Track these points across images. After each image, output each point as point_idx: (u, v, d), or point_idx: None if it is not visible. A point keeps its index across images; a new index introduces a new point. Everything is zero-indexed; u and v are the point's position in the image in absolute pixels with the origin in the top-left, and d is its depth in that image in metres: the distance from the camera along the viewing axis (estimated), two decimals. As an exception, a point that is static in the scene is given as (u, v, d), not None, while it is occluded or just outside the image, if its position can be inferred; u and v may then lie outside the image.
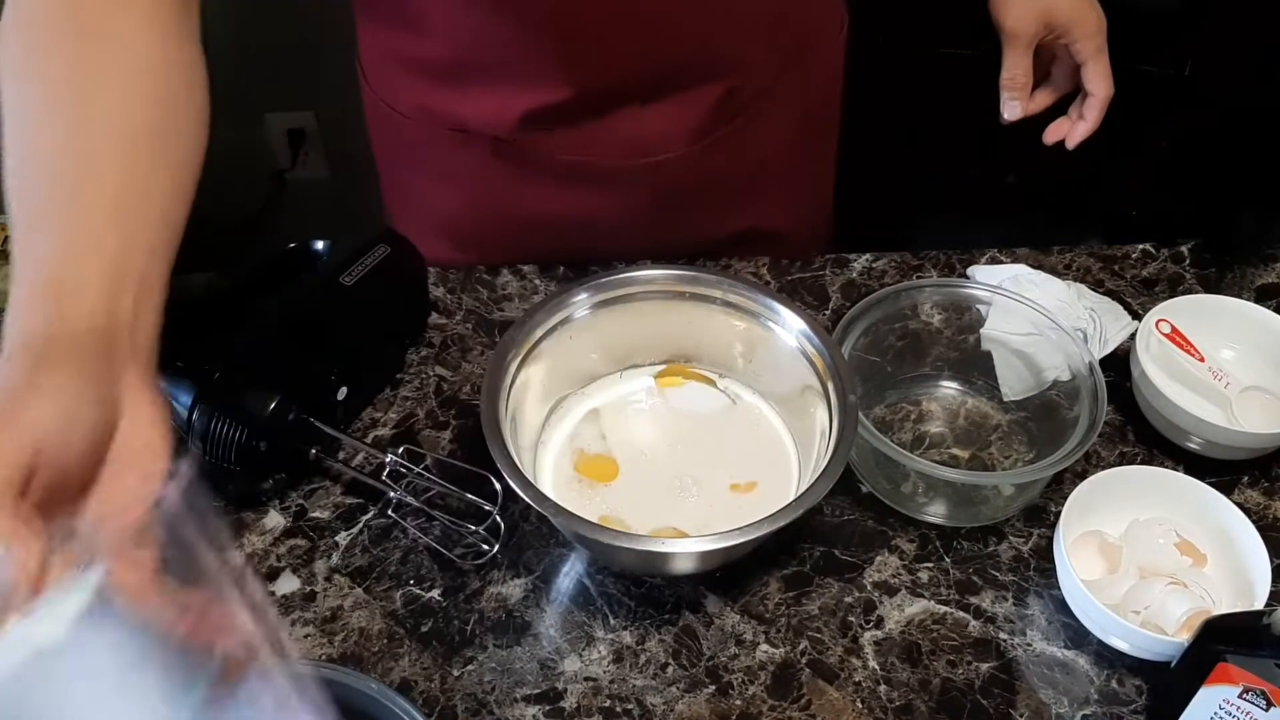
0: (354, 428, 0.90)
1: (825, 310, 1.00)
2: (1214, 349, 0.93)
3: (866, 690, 0.77)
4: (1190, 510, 0.83)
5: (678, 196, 1.01)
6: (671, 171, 0.99)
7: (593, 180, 0.99)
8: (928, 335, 0.93)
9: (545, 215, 1.02)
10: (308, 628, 0.79)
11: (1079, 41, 0.97)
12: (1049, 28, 0.97)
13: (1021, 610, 0.81)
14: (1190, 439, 0.88)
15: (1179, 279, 1.05)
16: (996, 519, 0.86)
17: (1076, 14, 0.97)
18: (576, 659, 0.78)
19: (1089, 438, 0.81)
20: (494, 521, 0.81)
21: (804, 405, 0.85)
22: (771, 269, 1.04)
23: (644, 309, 0.88)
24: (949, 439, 0.92)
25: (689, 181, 1.00)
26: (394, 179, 1.10)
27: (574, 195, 1.00)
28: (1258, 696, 0.66)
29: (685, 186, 1.01)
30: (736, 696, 0.76)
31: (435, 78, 0.95)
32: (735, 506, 0.83)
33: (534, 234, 1.03)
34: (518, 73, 0.91)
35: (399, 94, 0.99)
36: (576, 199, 1.00)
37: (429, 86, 0.96)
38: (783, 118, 1.03)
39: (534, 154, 0.97)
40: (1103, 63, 0.98)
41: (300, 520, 0.85)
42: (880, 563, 0.84)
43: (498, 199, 1.02)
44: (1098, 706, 0.76)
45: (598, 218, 1.01)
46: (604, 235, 1.01)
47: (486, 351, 0.96)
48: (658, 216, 1.02)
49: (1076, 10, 0.97)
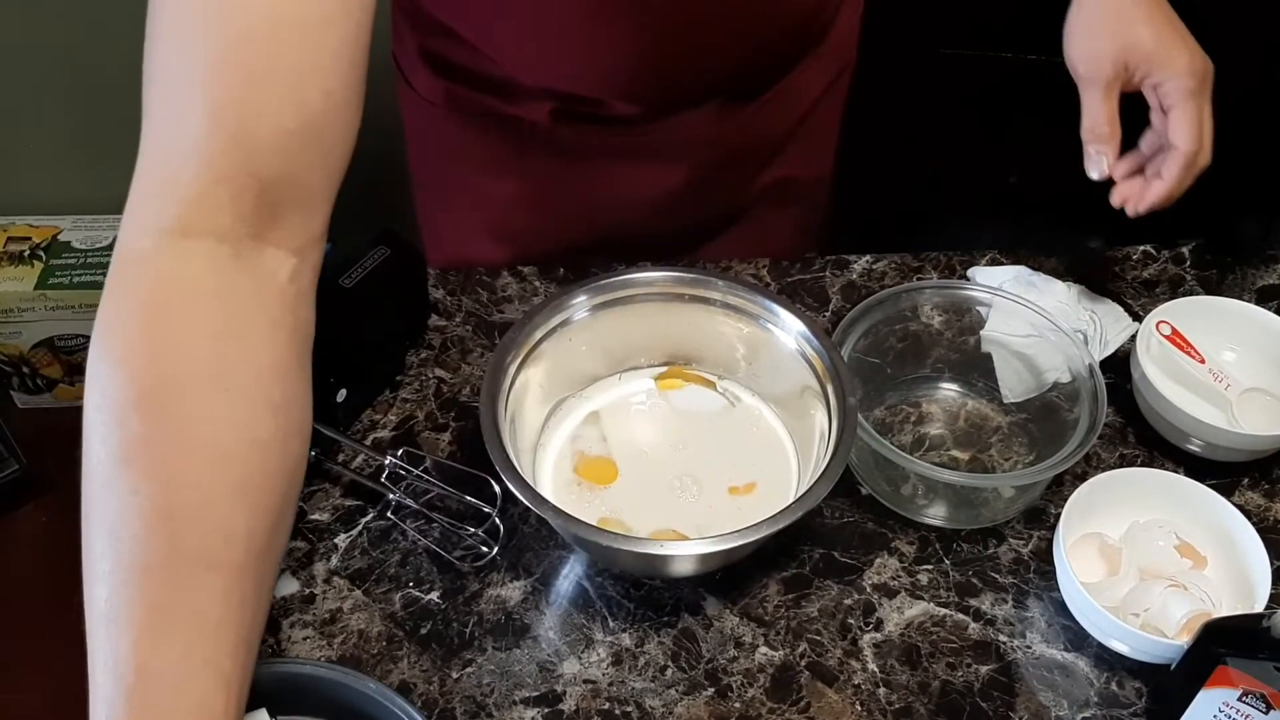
0: (353, 430, 0.90)
1: (825, 312, 1.00)
2: (1215, 351, 0.93)
3: (866, 693, 0.77)
4: (1190, 512, 0.82)
5: (721, 157, 1.02)
6: (719, 135, 1.00)
7: (642, 155, 1.00)
8: (928, 337, 0.93)
9: (594, 196, 1.03)
10: (307, 630, 0.79)
11: (1165, 82, 0.85)
12: (1130, 67, 0.86)
13: (1021, 612, 0.81)
14: (1190, 441, 0.88)
15: (1179, 280, 1.04)
16: (996, 521, 0.85)
17: (1161, 50, 0.85)
18: (575, 661, 0.78)
19: (1089, 439, 0.81)
20: (493, 524, 0.81)
21: (803, 407, 0.85)
22: (771, 270, 1.04)
23: (643, 311, 0.88)
24: (949, 441, 0.91)
25: (736, 141, 1.02)
26: (437, 182, 1.10)
27: (621, 173, 1.01)
28: (1257, 699, 0.66)
29: (731, 146, 1.02)
30: (736, 699, 0.76)
31: (485, 82, 0.96)
32: (735, 508, 0.83)
33: (580, 217, 1.04)
34: (584, 76, 0.93)
35: (445, 91, 1.00)
36: (624, 178, 1.01)
37: (474, 88, 0.97)
38: (824, 68, 1.04)
39: (582, 138, 0.98)
40: (1191, 111, 0.84)
41: (299, 522, 0.85)
42: (880, 565, 0.83)
43: (548, 185, 1.03)
44: (1097, 709, 0.76)
45: (641, 193, 1.03)
46: (646, 209, 1.03)
47: (486, 353, 0.96)
48: (700, 181, 1.03)
49: (1162, 46, 0.85)
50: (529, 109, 0.96)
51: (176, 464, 0.58)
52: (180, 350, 0.60)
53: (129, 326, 0.61)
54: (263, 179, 0.61)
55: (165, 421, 0.58)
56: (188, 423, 0.58)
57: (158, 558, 0.56)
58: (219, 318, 0.61)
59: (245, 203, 0.61)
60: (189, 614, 0.56)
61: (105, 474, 0.58)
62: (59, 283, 1.91)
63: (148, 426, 0.58)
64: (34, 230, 1.98)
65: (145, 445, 0.58)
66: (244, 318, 0.62)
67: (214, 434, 0.59)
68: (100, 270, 1.92)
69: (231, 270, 0.61)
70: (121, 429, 0.58)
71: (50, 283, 1.90)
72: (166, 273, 0.61)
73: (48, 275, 1.91)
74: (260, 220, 0.62)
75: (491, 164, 1.03)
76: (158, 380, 0.59)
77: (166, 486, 0.57)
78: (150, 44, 0.62)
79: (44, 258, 1.94)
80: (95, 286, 1.90)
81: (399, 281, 0.94)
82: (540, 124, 0.97)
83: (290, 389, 0.63)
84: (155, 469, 0.57)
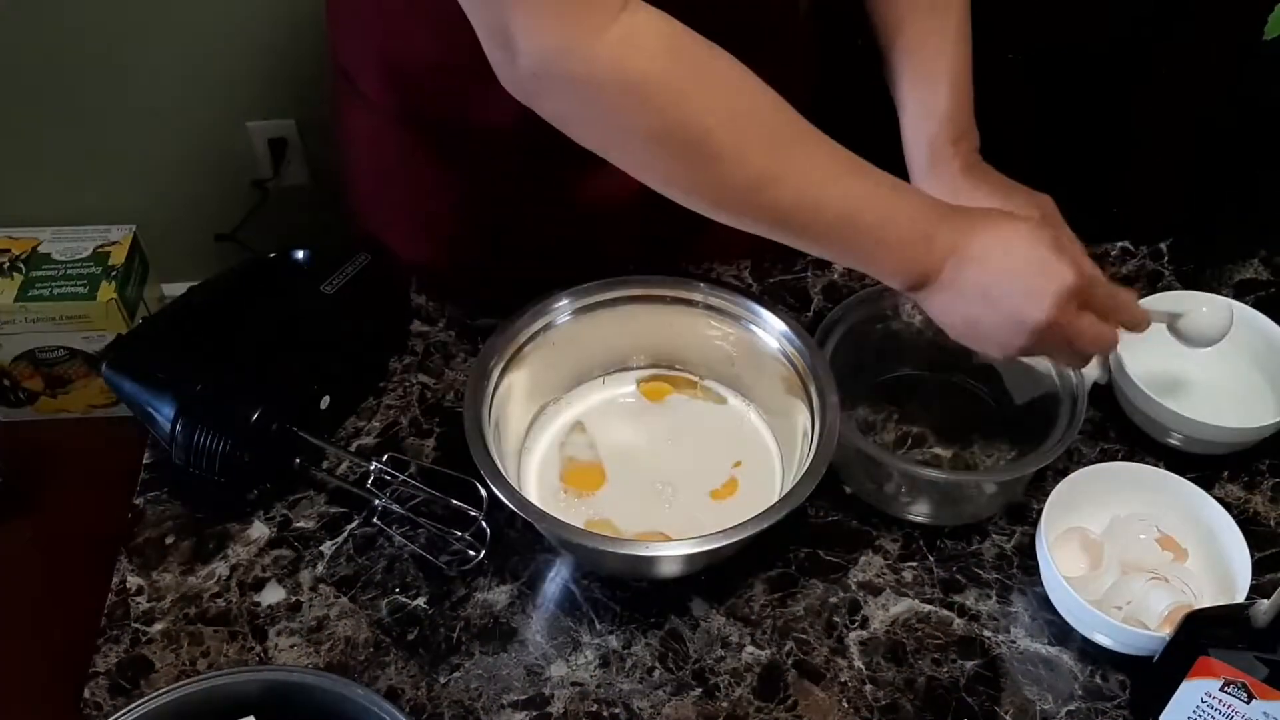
0: (338, 437, 0.90)
1: (807, 312, 1.01)
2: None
3: (852, 690, 0.77)
4: (1171, 505, 0.83)
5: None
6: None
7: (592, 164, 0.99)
8: (909, 336, 0.94)
9: (544, 209, 1.01)
10: (294, 638, 0.79)
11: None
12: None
13: (1005, 608, 0.82)
14: (1170, 435, 0.89)
15: (1158, 275, 1.05)
16: (979, 517, 0.86)
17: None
18: (563, 664, 0.78)
19: (1070, 435, 0.82)
20: (479, 527, 0.81)
21: (786, 407, 0.86)
22: (753, 272, 1.04)
23: (626, 314, 0.89)
24: (931, 439, 0.92)
25: None
26: (373, 180, 1.08)
27: (576, 184, 0.99)
28: (1239, 689, 0.66)
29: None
30: (723, 699, 0.76)
31: (429, 80, 0.94)
32: (719, 509, 0.83)
33: (550, 220, 1.02)
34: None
35: (390, 94, 0.98)
36: (579, 189, 1.00)
37: (420, 88, 0.95)
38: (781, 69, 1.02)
39: (551, 139, 0.97)
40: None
41: (285, 530, 0.85)
42: (864, 563, 0.84)
43: (496, 194, 1.01)
44: (1082, 702, 0.77)
45: (598, 206, 1.01)
46: (604, 225, 1.01)
47: (469, 359, 0.96)
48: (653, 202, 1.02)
49: (993, 205, 0.82)
50: (494, 111, 0.95)
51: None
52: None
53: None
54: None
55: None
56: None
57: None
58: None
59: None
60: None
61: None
62: (39, 295, 1.90)
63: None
64: (13, 242, 1.97)
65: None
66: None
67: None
68: (81, 282, 1.91)
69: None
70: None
71: (30, 295, 1.89)
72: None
73: (28, 287, 1.90)
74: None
75: (446, 171, 1.01)
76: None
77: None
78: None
79: (24, 270, 1.93)
80: (76, 298, 1.90)
81: (380, 288, 0.94)
82: (505, 127, 0.96)
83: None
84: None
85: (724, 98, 0.72)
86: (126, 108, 1.87)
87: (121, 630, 0.79)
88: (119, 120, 1.89)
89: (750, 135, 0.72)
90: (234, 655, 0.78)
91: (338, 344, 0.90)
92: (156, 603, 0.81)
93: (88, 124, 1.89)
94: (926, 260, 0.76)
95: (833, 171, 0.74)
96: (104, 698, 0.76)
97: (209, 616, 0.80)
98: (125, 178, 1.97)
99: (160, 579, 0.82)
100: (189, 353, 0.86)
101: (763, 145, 0.73)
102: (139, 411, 0.84)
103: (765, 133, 0.73)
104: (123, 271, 1.93)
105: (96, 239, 1.97)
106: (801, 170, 0.73)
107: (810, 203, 0.74)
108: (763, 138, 0.73)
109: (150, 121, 1.89)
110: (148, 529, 0.85)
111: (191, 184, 1.99)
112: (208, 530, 0.85)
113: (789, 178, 0.73)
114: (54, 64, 1.81)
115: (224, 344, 0.86)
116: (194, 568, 0.83)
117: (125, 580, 0.82)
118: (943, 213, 0.77)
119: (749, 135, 0.72)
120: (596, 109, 0.71)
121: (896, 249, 0.76)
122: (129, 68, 1.82)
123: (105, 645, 0.79)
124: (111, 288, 1.90)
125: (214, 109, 1.89)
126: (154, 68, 1.83)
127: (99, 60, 1.81)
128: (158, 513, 0.86)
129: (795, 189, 0.73)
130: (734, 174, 0.72)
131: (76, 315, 1.90)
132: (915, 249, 0.76)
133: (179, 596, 0.81)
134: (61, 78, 1.83)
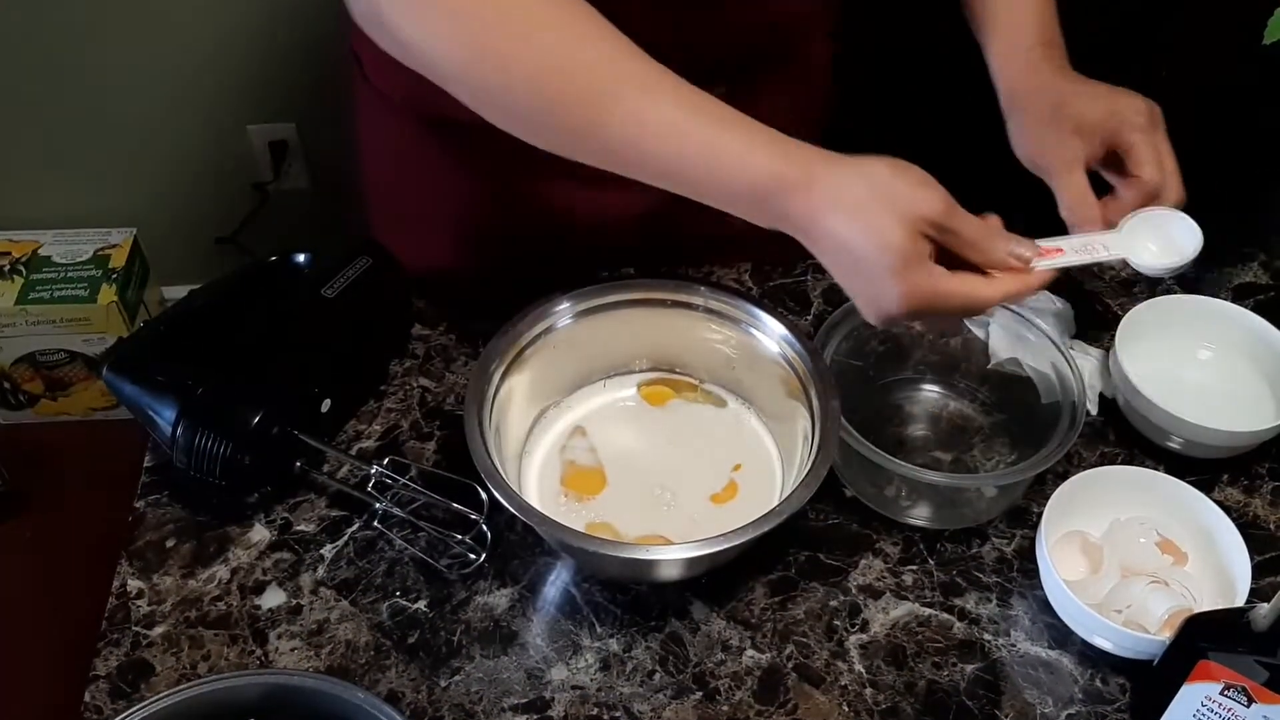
0: (338, 440, 0.90)
1: (807, 316, 1.01)
2: (1192, 349, 0.94)
3: (853, 694, 0.77)
4: (1171, 509, 0.83)
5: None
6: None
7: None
8: (909, 339, 0.94)
9: (553, 210, 1.01)
10: (294, 641, 0.79)
11: (1125, 134, 0.83)
12: (1087, 139, 0.84)
13: (1005, 611, 0.82)
14: (1170, 438, 0.89)
15: (1157, 279, 1.05)
16: (979, 521, 0.86)
17: (1106, 110, 0.84)
18: (563, 668, 0.78)
19: (1069, 438, 0.82)
20: (480, 530, 0.81)
21: (787, 411, 0.86)
22: (754, 275, 1.04)
23: (626, 317, 0.89)
24: (931, 442, 0.92)
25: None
26: (389, 182, 1.09)
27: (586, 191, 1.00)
28: (1239, 693, 0.66)
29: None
30: (723, 702, 0.76)
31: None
32: (719, 512, 0.83)
33: (539, 232, 1.02)
34: None
35: (408, 90, 0.98)
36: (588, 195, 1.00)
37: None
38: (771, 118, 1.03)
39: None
40: (1147, 146, 0.83)
41: (286, 534, 0.85)
42: (864, 566, 0.84)
43: (508, 195, 1.01)
44: (1082, 706, 0.77)
45: (606, 214, 1.01)
46: (611, 232, 1.01)
47: (470, 362, 0.96)
48: (661, 210, 1.02)
49: (1100, 104, 0.84)
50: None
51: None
52: None
53: None
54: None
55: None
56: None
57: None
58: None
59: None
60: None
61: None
62: (40, 297, 1.90)
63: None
64: (14, 245, 1.97)
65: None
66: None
67: None
68: (82, 284, 1.91)
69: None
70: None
71: (31, 298, 1.90)
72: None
73: (28, 290, 1.91)
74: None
75: (457, 166, 1.01)
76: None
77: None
78: None
79: (24, 273, 1.93)
80: (76, 301, 1.90)
81: (381, 291, 0.94)
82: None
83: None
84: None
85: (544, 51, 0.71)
86: (127, 111, 1.87)
87: (122, 634, 0.79)
88: (119, 123, 1.89)
89: (565, 90, 0.72)
90: (234, 659, 0.78)
91: (338, 347, 0.90)
92: (157, 606, 0.81)
93: (88, 127, 1.90)
94: (772, 219, 0.72)
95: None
96: (104, 701, 0.76)
97: (209, 620, 0.80)
98: (126, 180, 1.98)
99: (161, 582, 0.82)
100: (190, 356, 0.86)
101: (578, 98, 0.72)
102: (140, 414, 0.84)
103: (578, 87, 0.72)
104: (123, 274, 1.93)
105: (97, 242, 1.97)
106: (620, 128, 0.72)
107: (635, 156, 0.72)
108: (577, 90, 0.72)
109: (151, 124, 1.90)
110: (148, 532, 0.85)
111: (192, 187, 1.99)
112: (208, 533, 0.85)
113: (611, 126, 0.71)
114: (54, 67, 1.81)
115: (225, 347, 0.86)
116: (194, 571, 0.83)
117: (126, 583, 0.82)
118: (774, 173, 0.71)
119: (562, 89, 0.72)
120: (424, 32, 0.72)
121: (735, 203, 0.73)
122: (130, 70, 1.83)
123: (106, 649, 0.79)
124: (112, 290, 1.90)
125: (214, 112, 1.89)
126: (155, 71, 1.83)
127: (100, 63, 1.82)
128: (158, 516, 0.86)
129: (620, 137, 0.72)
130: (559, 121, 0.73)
131: (77, 318, 1.91)
132: (754, 209, 0.72)
133: (179, 600, 0.81)
134: (62, 81, 1.83)
